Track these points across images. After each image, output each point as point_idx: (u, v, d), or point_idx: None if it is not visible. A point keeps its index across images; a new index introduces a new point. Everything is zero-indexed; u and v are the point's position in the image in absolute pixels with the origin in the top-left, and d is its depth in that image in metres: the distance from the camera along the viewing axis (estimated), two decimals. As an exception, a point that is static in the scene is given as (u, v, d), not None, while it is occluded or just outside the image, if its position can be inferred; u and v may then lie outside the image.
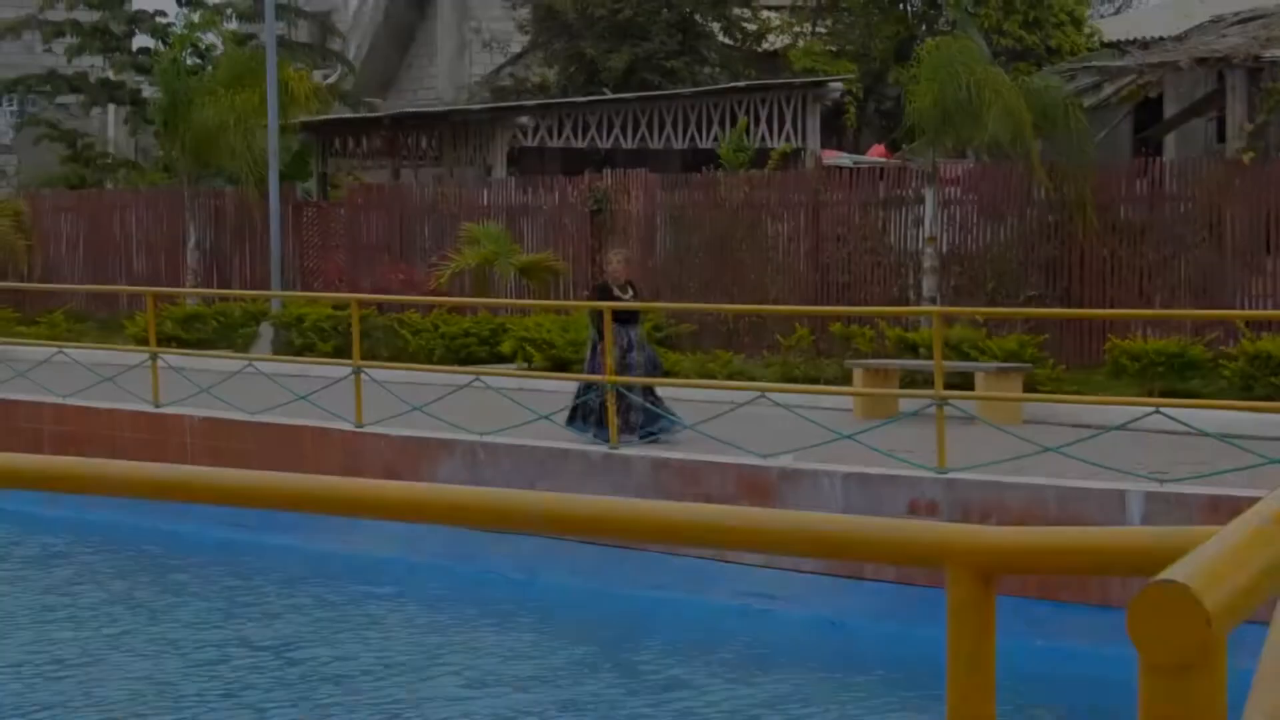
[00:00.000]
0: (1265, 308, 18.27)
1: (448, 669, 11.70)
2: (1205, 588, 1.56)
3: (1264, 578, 1.64)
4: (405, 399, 15.73)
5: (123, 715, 10.54)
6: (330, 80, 34.91)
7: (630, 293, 15.63)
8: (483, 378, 16.47)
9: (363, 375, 16.04)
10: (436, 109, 29.24)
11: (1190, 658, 1.56)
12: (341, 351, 21.71)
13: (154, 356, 17.66)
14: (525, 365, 20.95)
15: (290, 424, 16.46)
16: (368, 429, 15.84)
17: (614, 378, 14.42)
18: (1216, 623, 1.56)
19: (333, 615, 13.37)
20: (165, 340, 23.39)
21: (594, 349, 15.26)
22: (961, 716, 1.96)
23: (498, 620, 13.13)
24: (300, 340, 23.55)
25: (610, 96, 28.08)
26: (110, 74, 34.44)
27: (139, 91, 34.09)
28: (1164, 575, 1.57)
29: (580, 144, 27.10)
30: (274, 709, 10.72)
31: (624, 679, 11.46)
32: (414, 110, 29.78)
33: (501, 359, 21.54)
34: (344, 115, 30.63)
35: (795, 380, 18.98)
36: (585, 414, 14.97)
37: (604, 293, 15.51)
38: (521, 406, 15.33)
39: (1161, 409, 13.16)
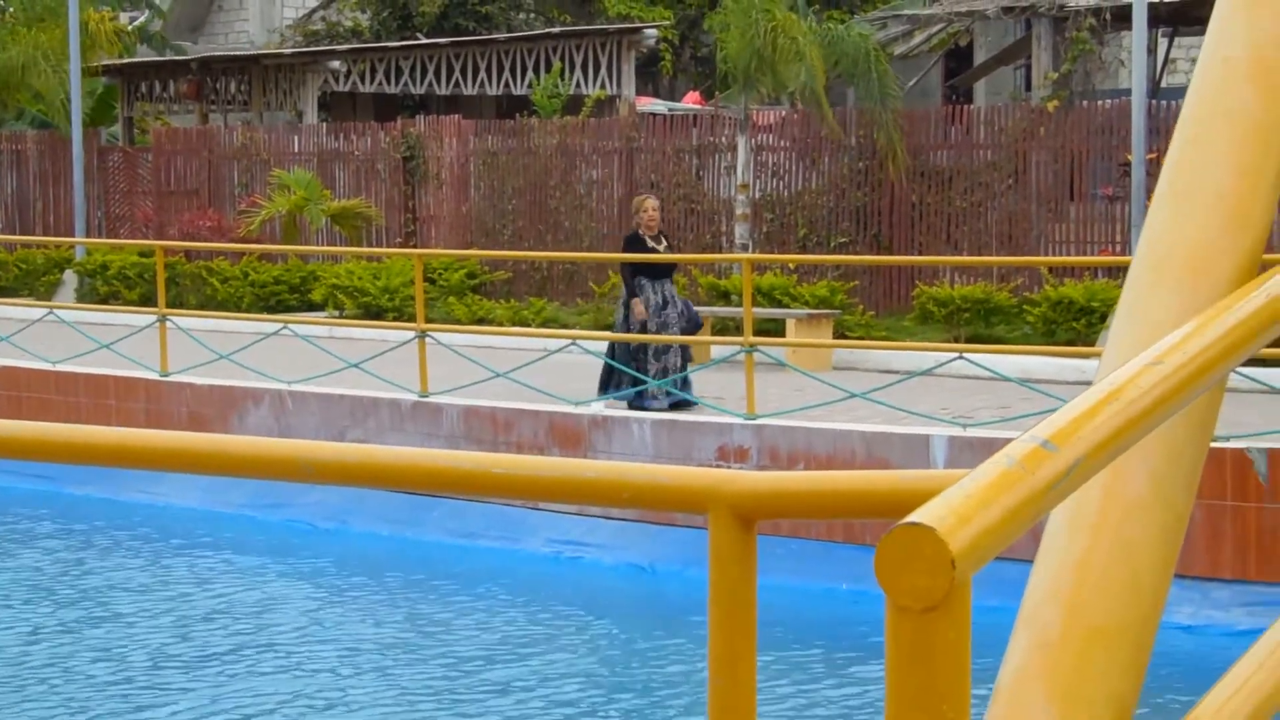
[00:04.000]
0: (1068, 254, 18.63)
1: (256, 621, 11.57)
2: (951, 530, 1.57)
3: (1010, 519, 1.65)
4: (212, 347, 15.50)
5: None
6: (137, 23, 34.16)
7: (664, 244, 14.21)
8: (291, 326, 16.28)
9: (169, 323, 15.77)
10: (246, 52, 28.75)
11: (935, 599, 1.56)
12: (148, 299, 21.34)
13: (-49, 305, 17.20)
14: (336, 313, 20.75)
15: (94, 373, 16.15)
16: (173, 378, 15.58)
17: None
18: (961, 564, 1.56)
19: (137, 568, 13.15)
20: (-35, 288, 22.81)
21: (627, 307, 14.01)
22: (723, 657, 1.95)
23: (307, 571, 13.01)
24: (105, 288, 23.12)
25: (424, 41, 27.81)
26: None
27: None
28: (910, 518, 1.57)
29: (393, 89, 26.83)
30: (78, 666, 10.52)
31: (434, 628, 11.42)
32: (223, 54, 29.24)
33: (312, 307, 21.33)
34: (150, 58, 29.99)
35: (609, 327, 18.99)
36: (618, 379, 13.76)
37: (636, 244, 14.03)
38: (331, 355, 15.16)
39: (965, 355, 13.37)
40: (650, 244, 13.96)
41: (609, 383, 13.84)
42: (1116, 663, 2.11)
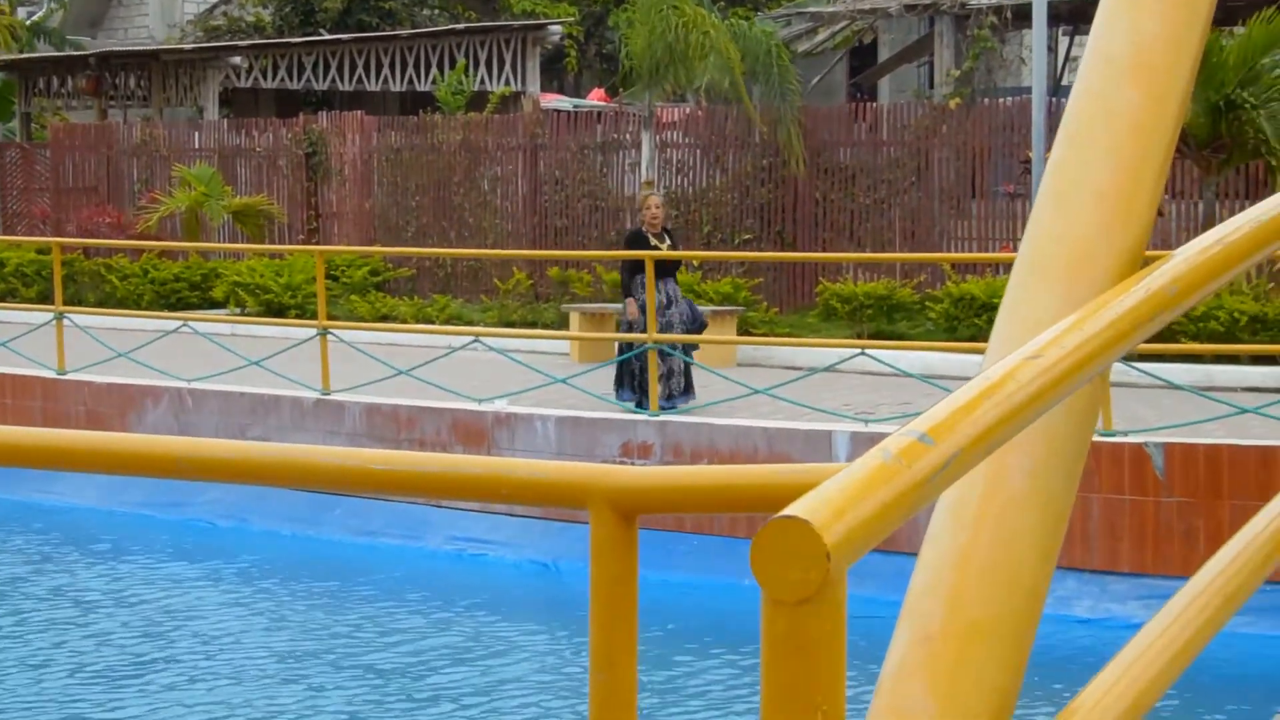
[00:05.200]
0: (970, 250, 18.76)
1: (157, 624, 11.46)
2: (826, 523, 1.57)
3: (886, 512, 1.65)
4: (111, 345, 15.33)
5: None
6: (36, 17, 33.76)
7: (668, 241, 13.70)
8: (191, 323, 16.14)
9: (66, 321, 15.59)
10: (146, 48, 28.47)
11: (809, 592, 1.56)
12: (45, 297, 21.11)
13: None
14: (238, 311, 20.59)
15: (-11, 372, 15.95)
16: (70, 376, 15.41)
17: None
18: (836, 557, 1.56)
19: (35, 569, 12.99)
20: None
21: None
22: (603, 653, 1.95)
23: (207, 571, 12.90)
24: (2, 285, 22.84)
25: (326, 37, 27.63)
26: None
27: None
28: (785, 511, 1.57)
29: (296, 85, 26.65)
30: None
31: (338, 627, 11.35)
32: (123, 49, 28.94)
33: (214, 304, 21.15)
34: (48, 54, 29.64)
35: (513, 324, 18.97)
36: (630, 379, 13.35)
37: (639, 242, 13.55)
38: (232, 352, 15.04)
39: (867, 351, 13.45)
40: (653, 242, 13.51)
41: (624, 382, 13.43)
42: (997, 656, 2.12)
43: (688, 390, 13.49)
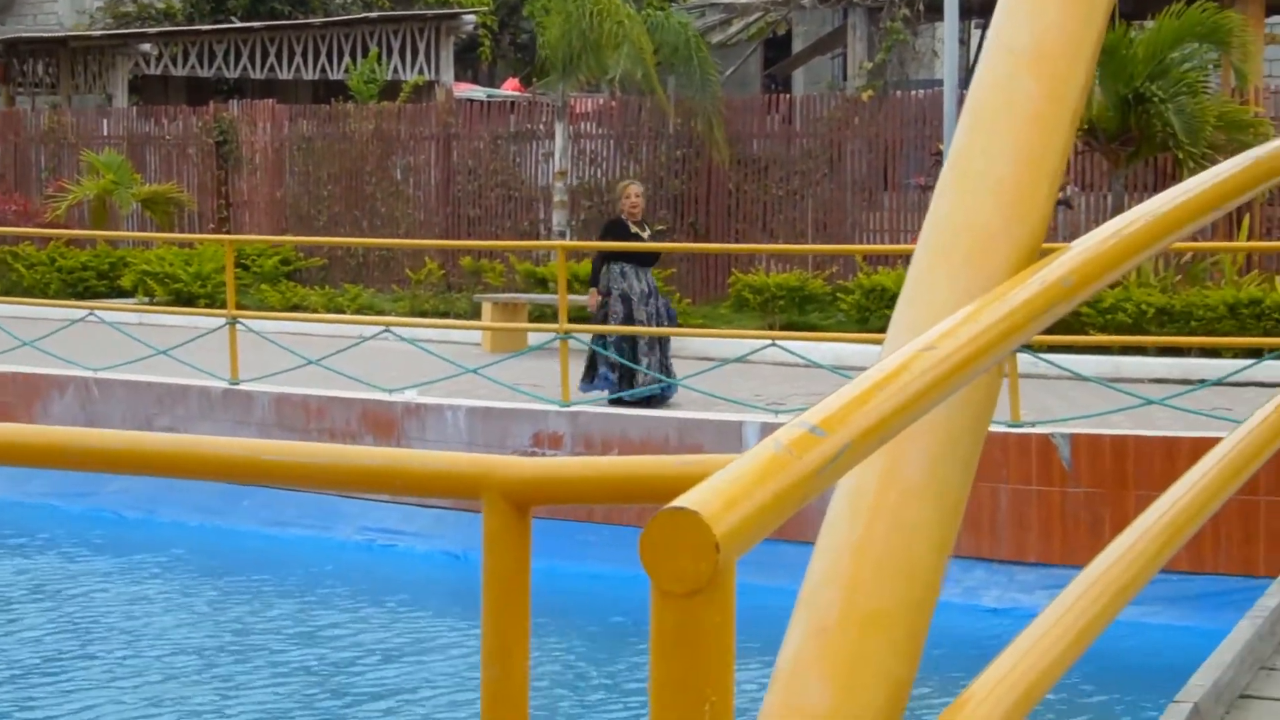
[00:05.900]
0: (882, 242, 18.85)
1: (65, 617, 11.33)
2: (715, 514, 1.56)
3: (777, 503, 1.64)
4: (16, 335, 15.14)
5: None
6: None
7: (648, 232, 13.52)
8: (98, 312, 15.96)
9: (-30, 310, 15.40)
10: (55, 34, 28.15)
11: (699, 583, 1.55)
12: (-49, 286, 20.84)
13: None
14: (146, 300, 20.40)
15: (-108, 361, 15.71)
16: (-25, 366, 15.22)
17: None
18: (725, 548, 1.56)
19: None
20: None
21: (607, 295, 13.15)
22: (495, 647, 1.93)
23: (115, 562, 12.76)
24: (-94, 274, 22.52)
25: (238, 25, 27.42)
26: None
27: None
28: (675, 502, 1.56)
29: (206, 73, 26.42)
30: None
31: (249, 619, 11.27)
32: (30, 35, 28.59)
33: (122, 293, 20.95)
34: (-45, 38, 29.24)
35: (424, 314, 18.89)
36: (603, 369, 13.09)
37: (619, 230, 13.30)
38: (139, 342, 14.88)
39: (778, 342, 13.47)
40: (634, 231, 13.32)
41: (593, 375, 13.26)
42: (892, 645, 2.12)
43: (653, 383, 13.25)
